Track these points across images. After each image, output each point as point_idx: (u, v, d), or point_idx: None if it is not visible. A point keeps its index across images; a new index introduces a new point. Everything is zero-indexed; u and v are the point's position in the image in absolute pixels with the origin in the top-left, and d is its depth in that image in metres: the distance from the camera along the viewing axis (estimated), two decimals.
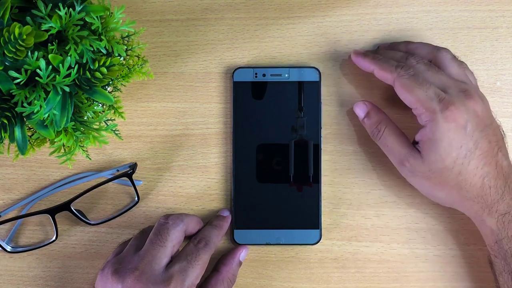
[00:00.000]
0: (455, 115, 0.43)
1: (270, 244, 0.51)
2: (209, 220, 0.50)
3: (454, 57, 0.48)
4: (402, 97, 0.46)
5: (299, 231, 0.50)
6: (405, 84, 0.45)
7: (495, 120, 0.46)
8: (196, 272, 0.44)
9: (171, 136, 0.52)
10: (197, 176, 0.52)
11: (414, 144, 0.46)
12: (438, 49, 0.48)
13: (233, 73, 0.51)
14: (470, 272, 0.50)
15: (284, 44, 0.53)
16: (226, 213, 0.51)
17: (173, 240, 0.45)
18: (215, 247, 0.48)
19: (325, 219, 0.51)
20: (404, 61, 0.47)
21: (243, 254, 0.50)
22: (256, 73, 0.51)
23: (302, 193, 0.50)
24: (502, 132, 0.47)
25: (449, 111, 0.43)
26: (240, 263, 0.50)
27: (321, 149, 0.51)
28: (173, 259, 0.45)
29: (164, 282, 0.43)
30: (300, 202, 0.50)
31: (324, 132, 0.52)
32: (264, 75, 0.51)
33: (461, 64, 0.48)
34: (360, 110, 0.50)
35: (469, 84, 0.46)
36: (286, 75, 0.51)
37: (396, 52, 0.49)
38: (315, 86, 0.51)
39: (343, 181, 0.52)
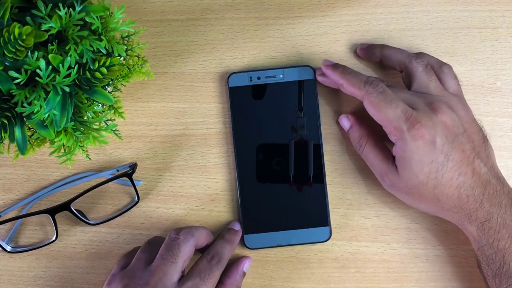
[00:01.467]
0: (422, 133, 0.43)
1: (281, 246, 0.51)
2: (220, 233, 0.50)
3: (426, 67, 0.47)
4: (371, 114, 0.46)
5: (309, 230, 0.50)
6: (373, 102, 0.45)
7: (472, 126, 0.46)
8: None
9: (171, 136, 0.52)
10: (197, 176, 0.52)
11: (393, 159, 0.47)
12: (410, 59, 0.48)
13: (228, 78, 0.51)
14: (470, 272, 0.50)
15: (284, 44, 0.53)
16: (238, 227, 0.50)
17: (184, 255, 0.44)
18: (226, 263, 0.47)
19: None
20: (373, 78, 0.46)
21: (246, 265, 0.50)
22: (250, 77, 0.51)
23: (308, 192, 0.50)
24: (483, 135, 0.46)
25: (415, 129, 0.43)
26: (244, 274, 0.50)
27: (322, 146, 0.51)
28: (185, 275, 0.44)
29: None
30: (307, 201, 0.50)
31: (324, 132, 0.52)
32: (259, 78, 0.51)
33: (431, 75, 0.47)
34: (345, 123, 0.50)
35: (437, 96, 0.46)
36: (281, 76, 0.51)
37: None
38: (311, 83, 0.51)
39: (343, 181, 0.52)
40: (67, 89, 0.38)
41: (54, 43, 0.38)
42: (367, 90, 0.45)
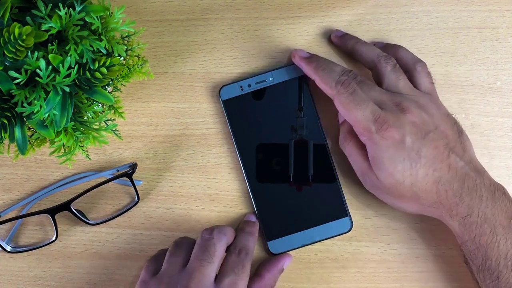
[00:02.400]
0: (391, 133, 0.44)
1: (306, 245, 0.51)
2: (238, 226, 0.50)
3: (395, 67, 0.47)
4: (341, 113, 0.46)
5: (330, 224, 0.50)
6: (343, 103, 0.45)
7: (444, 121, 0.46)
8: (244, 282, 0.44)
9: (171, 136, 0.52)
10: (197, 176, 0.52)
11: None
12: (379, 59, 0.48)
13: (219, 92, 0.51)
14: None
15: (284, 44, 0.53)
16: (254, 218, 0.51)
17: (219, 255, 0.45)
18: (253, 253, 0.48)
19: None
20: (346, 75, 0.46)
21: (286, 262, 0.50)
22: (241, 86, 0.51)
23: (322, 188, 0.50)
24: (457, 129, 0.46)
25: (383, 130, 0.44)
26: (282, 271, 0.50)
27: (326, 140, 0.51)
28: (220, 273, 0.44)
29: None
30: (322, 196, 0.50)
31: (324, 131, 0.52)
32: (249, 85, 0.51)
33: (399, 74, 0.47)
34: (340, 117, 0.50)
35: (406, 96, 0.46)
36: (271, 79, 0.51)
37: (337, 66, 0.48)
38: (301, 80, 0.51)
39: (343, 181, 0.52)
40: (67, 89, 0.38)
41: (54, 43, 0.38)
42: (338, 91, 0.46)
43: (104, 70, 0.39)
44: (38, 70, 0.37)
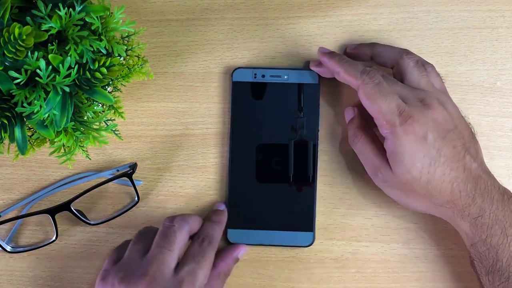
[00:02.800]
0: (414, 128, 0.43)
1: (263, 245, 0.51)
2: (207, 216, 0.50)
3: (417, 63, 0.48)
4: (365, 105, 0.45)
5: (293, 233, 0.50)
6: (368, 93, 0.45)
7: (461, 122, 0.46)
8: (204, 272, 0.44)
9: (171, 136, 0.52)
10: (197, 176, 0.52)
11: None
12: (401, 55, 0.48)
13: (233, 73, 0.51)
14: (470, 272, 0.50)
15: (284, 44, 0.53)
16: (222, 207, 0.51)
17: (180, 242, 0.44)
18: (217, 244, 0.47)
19: (325, 219, 0.51)
20: (370, 67, 0.46)
21: (241, 252, 0.50)
22: (255, 74, 0.51)
23: (298, 195, 0.50)
24: (471, 131, 0.46)
25: (408, 124, 0.43)
26: (237, 260, 0.50)
27: (318, 151, 0.51)
28: (181, 262, 0.44)
29: (175, 285, 0.42)
30: (295, 204, 0.50)
31: (324, 132, 0.52)
32: (263, 76, 0.51)
33: (423, 71, 0.47)
34: (347, 115, 0.50)
35: (428, 92, 0.46)
36: (286, 77, 0.51)
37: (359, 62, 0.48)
38: (315, 88, 0.51)
39: (343, 181, 0.52)
40: (67, 89, 0.38)
41: (54, 43, 0.38)
42: (363, 80, 0.45)
43: (104, 70, 0.39)
44: (38, 70, 0.37)
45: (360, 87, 0.45)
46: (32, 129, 0.43)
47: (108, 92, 0.43)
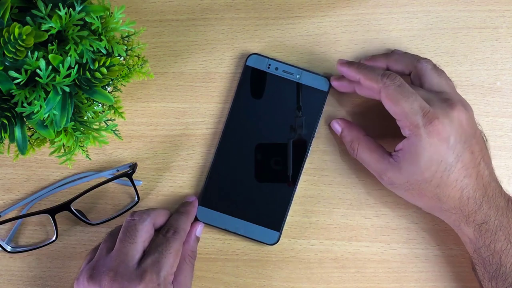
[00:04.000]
0: (439, 129, 0.43)
1: (228, 231, 0.51)
2: (176, 208, 0.50)
3: (435, 67, 0.48)
4: (387, 107, 0.45)
5: (260, 228, 0.50)
6: (391, 95, 0.44)
7: (478, 127, 0.46)
8: (169, 261, 0.44)
9: (171, 136, 0.52)
10: (197, 176, 0.52)
11: (393, 153, 0.46)
12: (418, 59, 0.48)
13: (248, 57, 0.51)
14: (469, 272, 0.50)
15: (284, 44, 0.53)
16: (192, 199, 0.51)
17: (143, 235, 0.45)
18: (185, 234, 0.48)
19: (325, 219, 0.51)
20: (390, 72, 0.46)
21: (199, 229, 0.50)
22: (269, 64, 0.51)
23: (275, 193, 0.50)
24: (484, 138, 0.46)
25: (433, 125, 0.43)
26: (197, 239, 0.50)
27: (307, 155, 0.51)
28: (146, 253, 0.45)
29: (139, 277, 0.42)
30: (271, 200, 0.50)
31: (324, 132, 0.52)
32: (276, 68, 0.51)
33: (441, 73, 0.47)
34: (336, 127, 0.50)
35: (451, 93, 0.46)
36: (298, 76, 0.51)
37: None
38: (322, 95, 0.51)
39: (343, 181, 0.52)
40: (67, 89, 0.38)
41: (54, 43, 0.38)
42: (385, 83, 0.45)
43: (104, 70, 0.39)
44: (38, 70, 0.37)
45: (382, 90, 0.45)
46: (32, 129, 0.43)
47: (108, 92, 0.43)
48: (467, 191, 0.44)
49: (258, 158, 0.50)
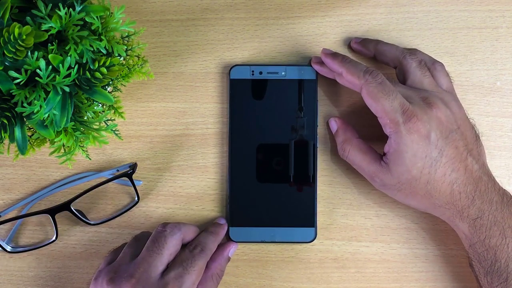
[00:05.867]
0: (418, 126, 0.43)
1: (266, 242, 0.51)
2: (205, 227, 0.50)
3: (421, 63, 0.48)
4: (368, 104, 0.45)
5: (295, 229, 0.50)
6: (372, 93, 0.45)
7: (465, 123, 0.46)
8: (192, 278, 0.44)
9: (171, 136, 0.52)
10: (197, 176, 0.52)
11: (383, 155, 0.46)
12: (404, 55, 0.48)
13: (230, 70, 0.51)
14: (470, 272, 0.50)
15: (284, 44, 0.53)
16: (223, 221, 0.51)
17: (170, 248, 0.45)
18: (211, 253, 0.47)
19: (325, 219, 0.51)
20: (372, 68, 0.46)
21: (232, 250, 0.50)
22: (253, 71, 0.51)
23: (298, 192, 0.50)
24: (475, 133, 0.46)
25: (411, 123, 0.43)
26: (228, 259, 0.50)
27: (317, 147, 0.51)
28: (169, 266, 0.45)
29: None
30: (296, 200, 0.50)
31: (324, 131, 0.52)
32: (261, 72, 0.51)
33: (425, 71, 0.47)
34: (332, 126, 0.50)
35: (431, 92, 0.46)
36: (283, 73, 0.51)
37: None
38: (312, 84, 0.51)
39: (343, 181, 0.52)
40: (67, 89, 0.38)
41: (54, 43, 0.38)
42: (366, 80, 0.45)
43: (104, 70, 0.39)
44: (38, 70, 0.37)
45: (363, 87, 0.45)
46: (32, 129, 0.43)
47: (108, 92, 0.43)
48: (457, 185, 0.44)
49: (274, 165, 0.50)
